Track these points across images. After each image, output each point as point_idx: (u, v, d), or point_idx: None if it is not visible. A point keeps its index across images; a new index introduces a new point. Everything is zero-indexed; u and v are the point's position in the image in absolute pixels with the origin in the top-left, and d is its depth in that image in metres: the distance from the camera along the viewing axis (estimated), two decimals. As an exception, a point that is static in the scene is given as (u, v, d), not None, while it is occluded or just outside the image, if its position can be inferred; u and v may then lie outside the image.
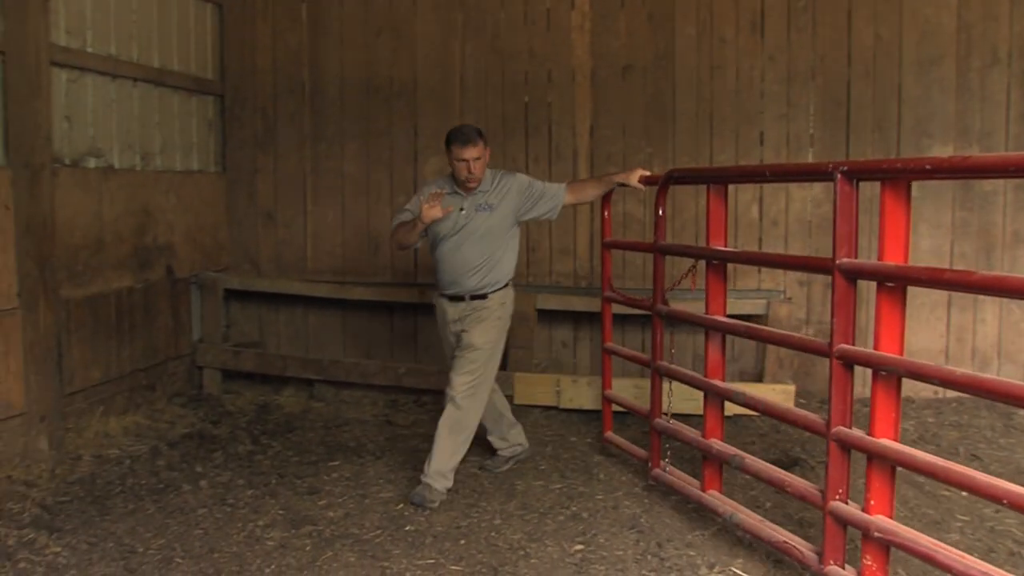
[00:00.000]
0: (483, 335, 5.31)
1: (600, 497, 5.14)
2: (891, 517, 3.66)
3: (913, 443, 5.98)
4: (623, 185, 5.48)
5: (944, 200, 6.81)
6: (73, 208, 6.02)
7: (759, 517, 4.45)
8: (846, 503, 3.78)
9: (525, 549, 4.47)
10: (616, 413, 6.06)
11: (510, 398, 6.85)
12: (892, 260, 3.53)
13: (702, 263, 4.87)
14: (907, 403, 6.57)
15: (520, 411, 6.73)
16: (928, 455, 3.46)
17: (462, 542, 4.56)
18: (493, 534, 4.66)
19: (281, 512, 4.97)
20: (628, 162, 6.96)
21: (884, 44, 6.79)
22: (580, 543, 4.53)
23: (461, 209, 5.29)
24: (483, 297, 5.34)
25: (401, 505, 5.05)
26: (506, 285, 5.44)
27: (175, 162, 7.34)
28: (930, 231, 6.83)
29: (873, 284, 3.64)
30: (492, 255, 5.31)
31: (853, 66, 6.85)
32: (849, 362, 3.72)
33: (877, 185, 3.58)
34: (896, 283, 3.55)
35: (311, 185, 7.78)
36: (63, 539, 4.60)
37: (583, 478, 5.42)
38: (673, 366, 5.15)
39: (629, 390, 6.37)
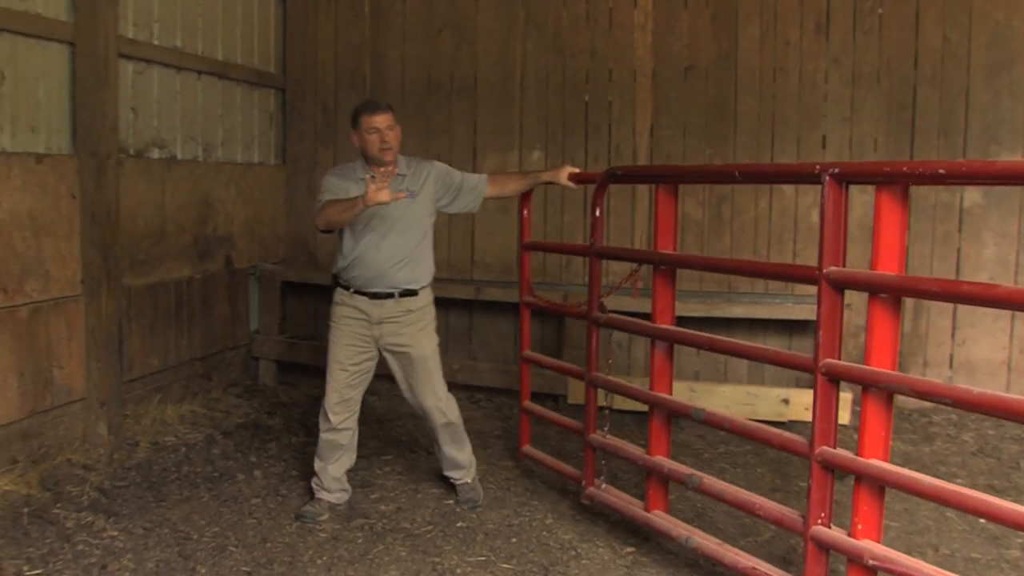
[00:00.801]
0: (430, 342, 4.94)
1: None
2: (879, 542, 3.48)
3: (972, 455, 5.88)
4: (550, 183, 5.23)
5: (1011, 208, 6.66)
6: (136, 198, 6.10)
7: (718, 541, 4.16)
8: (829, 527, 3.57)
9: (576, 549, 4.46)
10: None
11: (563, 398, 6.84)
12: (886, 269, 3.34)
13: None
14: (965, 415, 6.46)
15: (572, 412, 6.71)
16: (919, 475, 3.27)
17: (513, 540, 4.55)
18: (544, 533, 4.65)
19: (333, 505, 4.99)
20: (689, 163, 6.91)
21: (952, 47, 6.66)
22: (631, 545, 4.50)
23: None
24: (414, 294, 4.86)
25: (452, 501, 5.05)
26: (430, 282, 5.01)
27: (236, 154, 7.41)
28: (995, 240, 6.69)
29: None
30: (418, 246, 4.85)
31: (920, 69, 6.73)
32: (835, 378, 3.49)
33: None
34: (890, 295, 3.37)
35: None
36: (120, 523, 4.67)
37: (636, 480, 5.38)
38: (611, 378, 4.79)
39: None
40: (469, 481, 5.12)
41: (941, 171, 3.07)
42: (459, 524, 4.77)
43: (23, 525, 4.65)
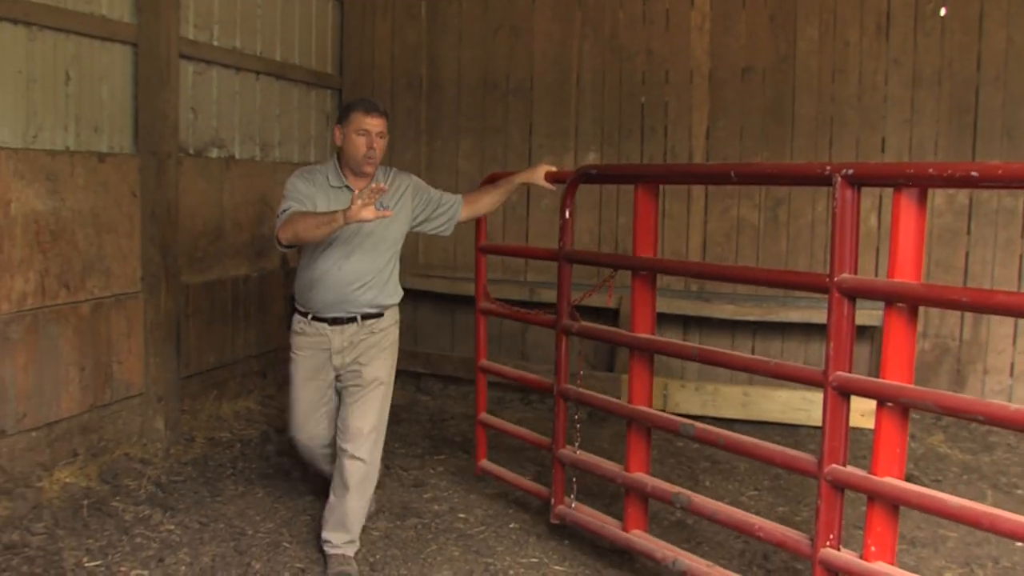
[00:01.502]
0: (385, 365, 4.36)
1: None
2: (893, 564, 3.28)
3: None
4: (525, 184, 4.76)
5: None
6: (195, 196, 6.18)
7: (708, 563, 3.91)
8: (838, 550, 3.36)
9: (629, 553, 4.43)
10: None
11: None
12: (903, 277, 3.11)
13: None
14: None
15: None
16: (939, 494, 3.06)
17: (566, 542, 4.54)
18: (597, 536, 4.63)
19: (387, 503, 5.01)
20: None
21: (1017, 48, 6.53)
22: (686, 548, 4.46)
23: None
24: (379, 316, 4.33)
25: (504, 502, 5.05)
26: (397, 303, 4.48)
27: (293, 154, 7.48)
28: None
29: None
30: (386, 266, 4.32)
31: (983, 70, 6.61)
32: (846, 392, 3.27)
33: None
34: (907, 304, 3.14)
35: (425, 181, 7.81)
36: (176, 517, 4.73)
37: (689, 484, 5.34)
38: (583, 391, 4.46)
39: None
40: (349, 554, 4.29)
41: (974, 173, 2.83)
42: (512, 525, 4.77)
43: (83, 517, 4.73)
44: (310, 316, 4.28)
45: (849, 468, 3.30)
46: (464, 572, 4.24)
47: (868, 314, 6.67)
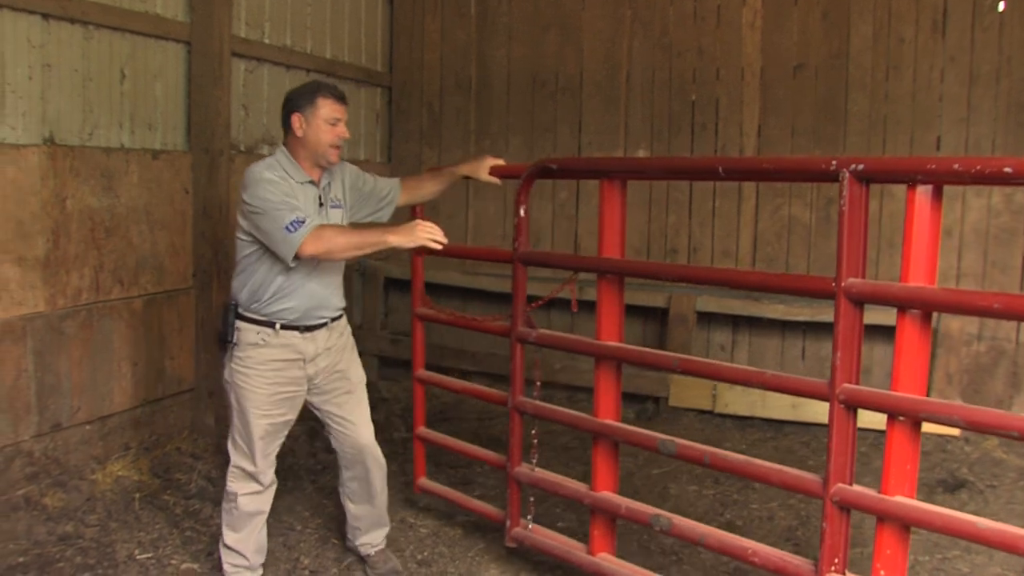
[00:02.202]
0: (358, 364, 4.21)
1: (755, 507, 5.02)
2: None
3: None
4: (468, 178, 4.36)
5: None
6: (247, 193, 6.23)
7: None
8: (844, 575, 3.13)
9: (678, 554, 4.41)
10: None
11: (664, 400, 6.77)
12: (917, 280, 2.90)
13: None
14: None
15: (674, 414, 6.66)
16: (958, 514, 2.85)
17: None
18: (645, 536, 4.60)
19: (433, 501, 5.02)
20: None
21: (1078, 46, 6.41)
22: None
23: (320, 204, 3.89)
24: (340, 317, 4.09)
25: (552, 501, 5.04)
26: None
27: (342, 152, 7.50)
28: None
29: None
30: (342, 266, 4.09)
31: (1043, 68, 6.49)
32: (854, 405, 3.04)
33: None
34: (921, 309, 2.93)
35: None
36: (227, 513, 4.77)
37: (738, 485, 5.30)
38: (540, 403, 4.17)
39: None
40: (385, 546, 4.37)
41: (1007, 169, 2.59)
42: (560, 524, 4.75)
43: (135, 509, 4.80)
44: (278, 326, 3.82)
45: (857, 488, 3.06)
46: (512, 571, 4.24)
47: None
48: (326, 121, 3.79)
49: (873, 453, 5.63)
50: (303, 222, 3.59)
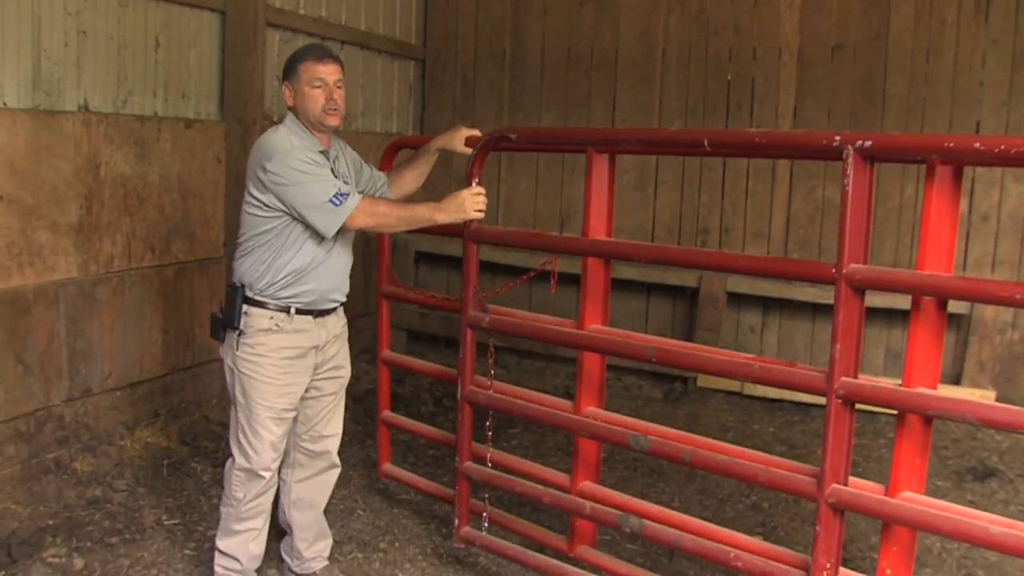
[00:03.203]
0: (349, 358, 3.98)
1: (782, 494, 5.00)
2: None
3: None
4: (443, 151, 4.07)
5: None
6: (279, 164, 6.23)
7: None
8: None
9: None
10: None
11: (693, 380, 6.74)
12: (933, 268, 2.72)
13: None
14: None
15: (702, 395, 6.64)
16: (962, 513, 2.67)
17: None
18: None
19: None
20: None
21: (1125, 30, 6.29)
22: (759, 533, 4.41)
23: (334, 175, 3.62)
24: (344, 302, 3.88)
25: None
26: None
27: (376, 124, 7.50)
28: None
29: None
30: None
31: (1088, 53, 6.37)
32: (852, 400, 2.82)
33: None
34: (935, 297, 2.75)
35: (505, 153, 7.80)
36: (253, 482, 4.80)
37: (762, 467, 5.26)
38: (497, 395, 3.85)
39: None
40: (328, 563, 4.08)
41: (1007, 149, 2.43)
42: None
43: (163, 476, 4.84)
44: (293, 310, 3.58)
45: (855, 487, 2.86)
46: (538, 546, 4.24)
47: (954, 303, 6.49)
48: (309, 85, 3.54)
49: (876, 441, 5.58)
50: (347, 195, 3.45)
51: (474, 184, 3.65)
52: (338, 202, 3.44)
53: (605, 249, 3.62)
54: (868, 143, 2.67)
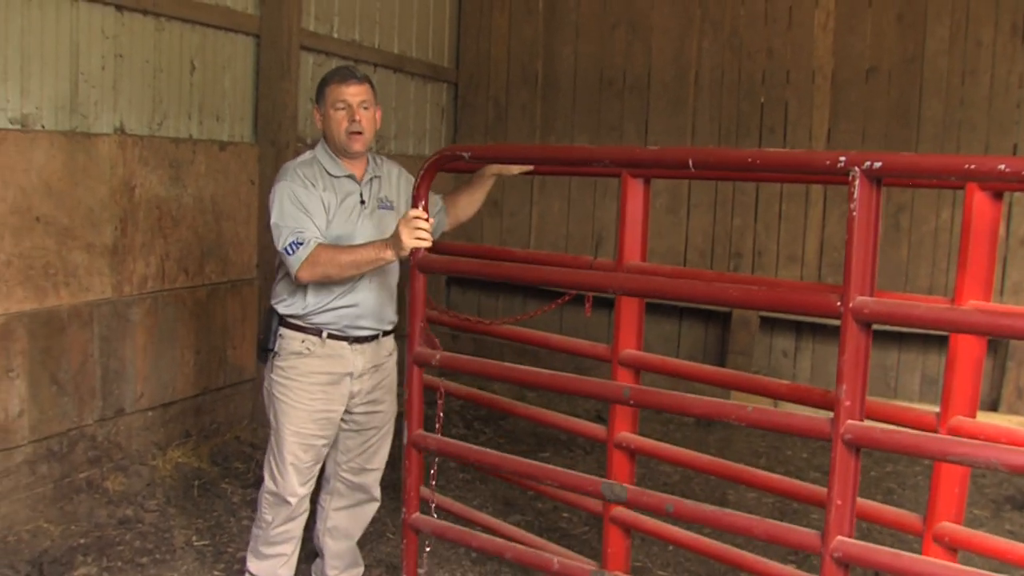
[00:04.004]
0: (395, 394, 3.84)
1: (815, 516, 4.93)
2: None
3: None
4: (499, 175, 3.99)
5: None
6: (311, 186, 6.27)
7: None
8: None
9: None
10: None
11: (724, 404, 6.68)
12: (972, 296, 2.63)
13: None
14: None
15: (734, 418, 6.57)
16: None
17: (670, 548, 4.46)
18: (701, 542, 4.54)
19: (491, 498, 5.01)
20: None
21: None
22: (792, 561, 4.35)
23: (361, 201, 3.60)
24: (390, 332, 3.79)
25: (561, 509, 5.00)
26: None
27: (408, 146, 7.53)
28: None
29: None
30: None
31: None
32: (862, 447, 2.53)
33: None
34: (948, 332, 2.58)
35: (537, 176, 7.80)
36: (283, 503, 4.80)
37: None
38: (445, 439, 3.63)
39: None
40: None
41: None
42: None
43: (194, 496, 4.85)
44: (324, 334, 3.54)
45: (863, 543, 2.58)
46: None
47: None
48: (333, 108, 3.51)
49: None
50: (301, 244, 3.35)
51: (414, 210, 3.28)
52: (291, 252, 3.37)
53: (561, 280, 3.40)
54: (877, 164, 2.40)
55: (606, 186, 7.49)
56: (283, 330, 3.57)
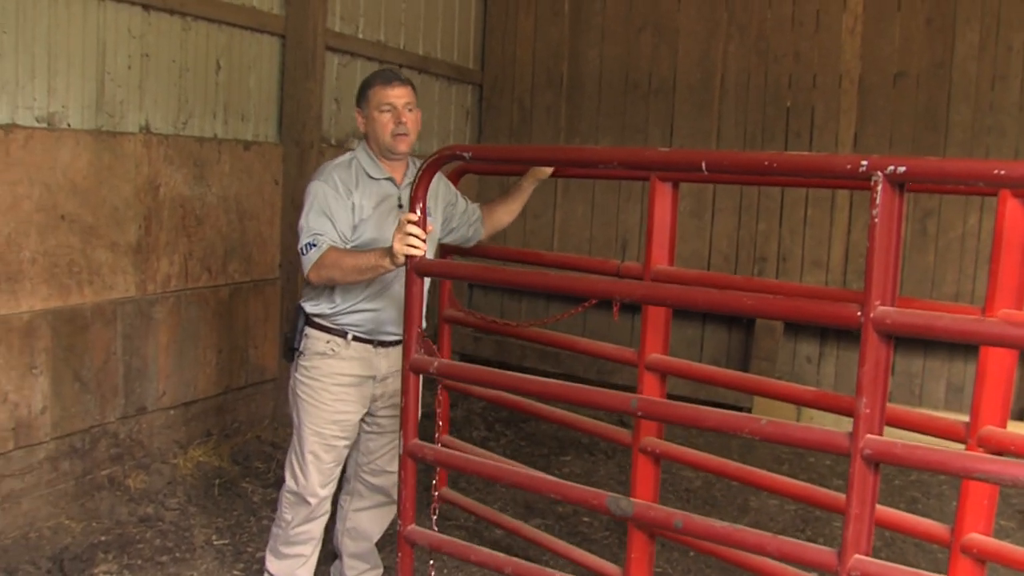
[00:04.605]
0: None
1: (838, 524, 4.89)
2: None
3: None
4: (537, 182, 4.06)
5: None
6: (335, 187, 6.28)
7: None
8: None
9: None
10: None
11: (748, 411, 6.64)
12: (1003, 304, 2.55)
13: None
14: None
15: (757, 424, 6.53)
16: None
17: (691, 554, 4.44)
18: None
19: (511, 501, 4.99)
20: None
21: None
22: (815, 571, 4.31)
23: (399, 205, 3.59)
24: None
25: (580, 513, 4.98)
26: None
27: (432, 148, 7.52)
28: None
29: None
30: None
31: None
32: (882, 463, 2.37)
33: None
34: (977, 344, 2.45)
35: (561, 180, 7.78)
36: (303, 503, 4.80)
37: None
38: (446, 450, 3.60)
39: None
40: None
41: None
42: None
43: (214, 495, 4.86)
44: (350, 336, 3.56)
45: (882, 562, 2.45)
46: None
47: None
48: (378, 110, 3.52)
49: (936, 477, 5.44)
50: (315, 246, 3.38)
51: (410, 214, 3.12)
52: (305, 252, 3.40)
53: (546, 283, 3.28)
54: (901, 169, 2.25)
55: (630, 190, 7.46)
56: (309, 330, 3.58)
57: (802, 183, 4.65)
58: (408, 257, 3.11)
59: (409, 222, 3.07)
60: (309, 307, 3.58)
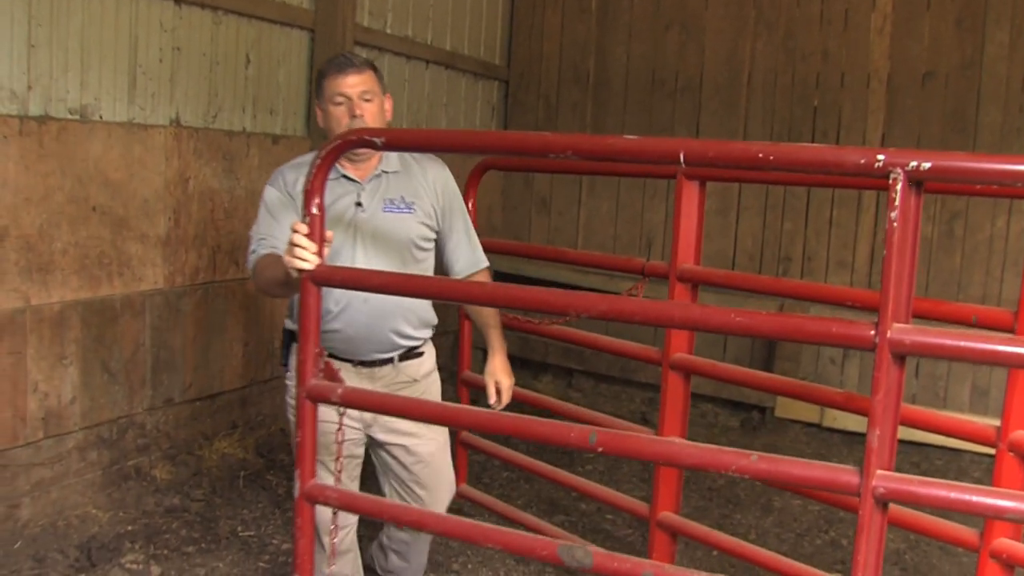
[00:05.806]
0: (437, 439, 3.43)
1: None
2: None
3: None
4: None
5: None
6: (362, 181, 6.30)
7: None
8: None
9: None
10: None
11: (771, 410, 6.63)
12: None
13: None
14: None
15: (780, 425, 6.53)
16: None
17: (714, 553, 4.44)
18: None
19: (535, 498, 5.01)
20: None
21: None
22: (839, 571, 4.31)
23: (357, 204, 3.19)
24: (418, 355, 3.39)
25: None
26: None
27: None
28: None
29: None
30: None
31: None
32: (888, 500, 2.11)
33: None
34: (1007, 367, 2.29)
35: (587, 177, 7.78)
36: (328, 496, 4.82)
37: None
38: (352, 492, 3.19)
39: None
40: None
41: None
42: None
43: (239, 487, 4.89)
44: (325, 354, 2.86)
45: None
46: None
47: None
48: (332, 103, 3.12)
49: (959, 480, 5.42)
50: (254, 251, 3.09)
51: (296, 224, 2.65)
52: (248, 260, 3.14)
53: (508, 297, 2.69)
54: (926, 164, 1.94)
55: (655, 188, 7.45)
56: (294, 345, 3.05)
57: (806, 180, 4.45)
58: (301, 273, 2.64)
59: (294, 231, 2.60)
60: (288, 323, 3.32)
